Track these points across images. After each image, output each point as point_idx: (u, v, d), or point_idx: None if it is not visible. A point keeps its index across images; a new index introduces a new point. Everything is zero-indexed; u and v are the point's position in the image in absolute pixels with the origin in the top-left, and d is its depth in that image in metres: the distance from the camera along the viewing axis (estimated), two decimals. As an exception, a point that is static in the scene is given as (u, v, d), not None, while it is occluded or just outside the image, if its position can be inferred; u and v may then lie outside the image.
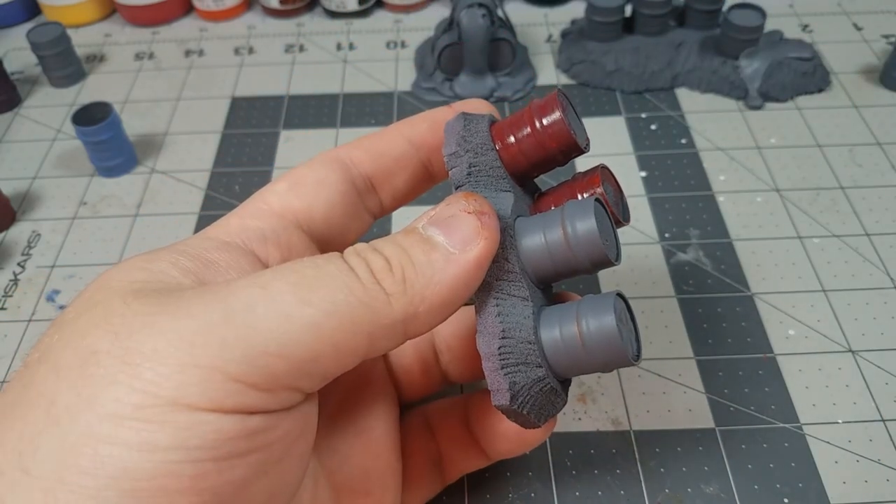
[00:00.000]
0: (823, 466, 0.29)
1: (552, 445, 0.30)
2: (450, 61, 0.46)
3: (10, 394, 0.17)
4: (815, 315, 0.34)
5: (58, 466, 0.16)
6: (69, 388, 0.16)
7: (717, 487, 0.28)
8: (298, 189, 0.23)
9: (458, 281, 0.19)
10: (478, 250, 0.19)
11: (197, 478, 0.16)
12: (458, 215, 0.20)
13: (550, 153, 0.23)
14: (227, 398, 0.17)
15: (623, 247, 0.37)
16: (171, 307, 0.17)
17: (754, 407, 0.30)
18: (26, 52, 0.52)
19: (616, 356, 0.20)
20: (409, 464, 0.26)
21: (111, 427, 0.16)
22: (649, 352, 0.33)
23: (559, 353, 0.20)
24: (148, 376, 0.16)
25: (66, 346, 0.17)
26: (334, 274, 0.18)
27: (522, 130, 0.23)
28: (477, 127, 0.23)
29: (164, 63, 0.51)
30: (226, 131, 0.45)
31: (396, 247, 0.19)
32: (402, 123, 0.25)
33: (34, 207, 0.41)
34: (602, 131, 0.43)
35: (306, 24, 0.54)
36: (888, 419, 0.30)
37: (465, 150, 0.22)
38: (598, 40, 0.46)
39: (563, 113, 0.22)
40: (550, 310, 0.21)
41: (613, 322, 0.20)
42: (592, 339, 0.20)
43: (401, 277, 0.19)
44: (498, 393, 0.20)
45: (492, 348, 0.20)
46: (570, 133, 0.22)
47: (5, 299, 0.37)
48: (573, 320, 0.20)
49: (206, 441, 0.16)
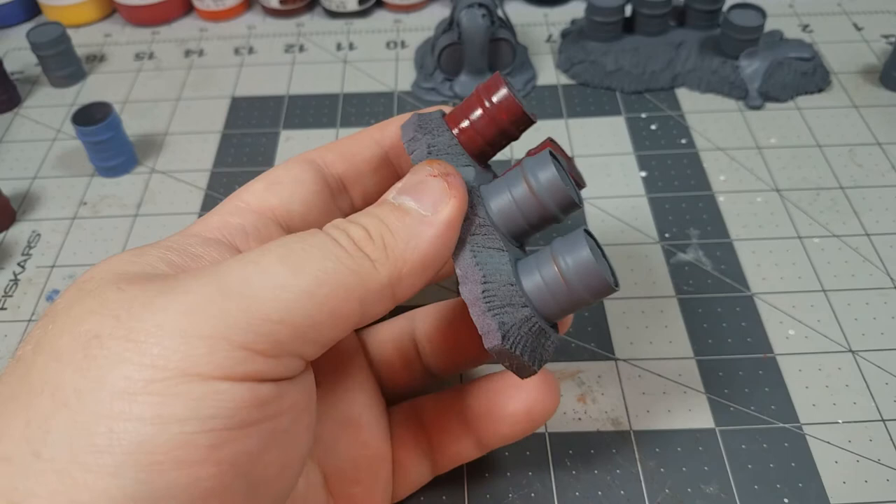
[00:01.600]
0: (823, 466, 0.29)
1: (552, 445, 0.30)
2: (450, 61, 0.46)
3: (6, 387, 0.18)
4: (815, 315, 0.34)
5: (70, 448, 0.16)
6: (74, 371, 0.17)
7: (717, 487, 0.28)
8: (276, 188, 0.24)
9: (435, 241, 0.20)
10: (449, 209, 0.21)
11: (213, 448, 0.17)
12: (426, 180, 0.21)
13: (503, 126, 0.24)
14: (237, 365, 0.17)
15: (623, 247, 0.37)
16: (167, 288, 0.18)
17: (754, 407, 0.30)
18: (26, 52, 0.52)
19: (597, 285, 0.21)
20: (400, 454, 0.26)
21: (124, 403, 0.16)
22: (649, 352, 0.33)
23: (542, 295, 0.22)
24: (155, 351, 0.17)
25: (62, 333, 0.18)
26: (320, 245, 0.19)
27: (475, 111, 0.24)
28: (430, 116, 0.24)
29: (164, 63, 0.51)
30: (226, 131, 0.45)
31: (372, 217, 0.20)
32: (373, 128, 0.27)
33: (34, 207, 0.41)
34: (602, 131, 0.43)
35: (306, 24, 0.54)
36: (888, 419, 0.30)
37: (422, 133, 0.23)
38: (598, 40, 0.46)
39: (508, 88, 0.24)
40: (526, 259, 0.22)
41: (588, 252, 0.21)
42: (571, 272, 0.21)
43: (381, 244, 0.20)
44: (489, 335, 0.21)
45: (475, 293, 0.21)
46: (519, 104, 0.24)
47: (5, 299, 0.37)
48: (550, 261, 0.22)
49: (220, 410, 0.17)
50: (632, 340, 0.33)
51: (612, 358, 0.33)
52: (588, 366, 0.32)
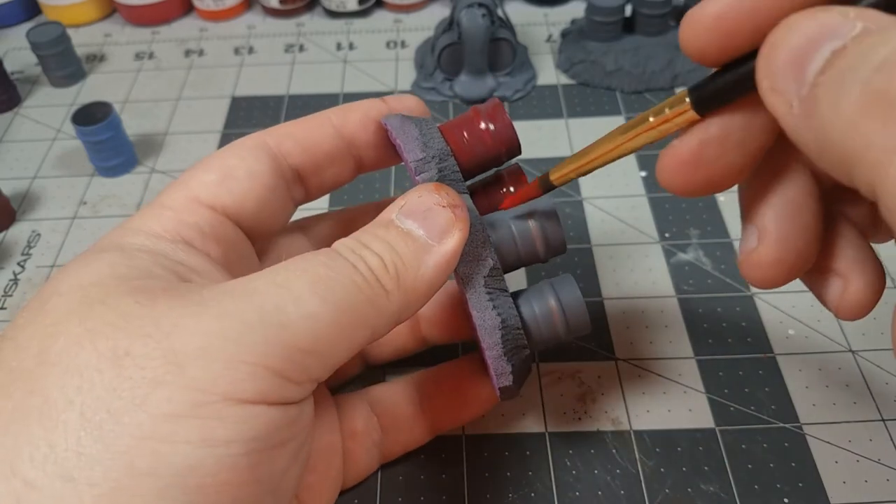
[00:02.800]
0: (823, 466, 0.29)
1: (552, 445, 0.30)
2: (450, 61, 0.45)
3: (6, 398, 0.17)
4: (815, 315, 0.34)
5: (109, 471, 0.15)
6: (104, 390, 0.16)
7: (717, 487, 0.28)
8: (229, 184, 0.23)
9: (438, 270, 0.21)
10: (453, 241, 0.21)
11: (253, 468, 0.17)
12: (434, 209, 0.21)
13: (499, 155, 0.25)
14: (273, 391, 0.18)
15: (623, 247, 0.37)
16: (197, 307, 0.18)
17: (754, 407, 0.30)
18: (26, 51, 0.52)
19: (581, 324, 0.25)
20: (351, 445, 0.27)
21: (169, 426, 0.16)
22: (649, 352, 0.33)
23: (534, 329, 0.25)
24: (199, 374, 0.17)
25: (80, 348, 0.17)
26: (345, 274, 0.19)
27: (473, 134, 0.24)
28: (431, 132, 0.24)
29: (164, 63, 0.51)
30: (226, 131, 0.45)
31: (384, 244, 0.21)
32: (333, 112, 0.25)
33: (34, 207, 0.41)
34: (602, 131, 0.43)
35: (306, 23, 0.54)
36: (888, 419, 0.30)
37: (430, 155, 0.23)
38: (598, 40, 0.46)
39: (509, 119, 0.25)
40: (522, 296, 0.25)
41: (580, 295, 0.25)
42: (565, 312, 0.25)
43: (395, 274, 0.20)
44: (502, 376, 0.24)
45: (495, 339, 0.23)
46: (516, 136, 0.25)
47: (5, 299, 0.37)
48: (546, 298, 0.25)
49: (260, 432, 0.17)
50: (632, 340, 0.33)
51: (612, 358, 0.33)
52: (588, 366, 0.32)
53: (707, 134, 0.18)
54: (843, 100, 0.13)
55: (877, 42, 0.13)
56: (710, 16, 0.16)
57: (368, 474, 0.29)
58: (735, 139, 0.18)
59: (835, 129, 0.14)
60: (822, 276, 0.20)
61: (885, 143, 0.13)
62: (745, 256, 0.20)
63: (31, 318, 0.18)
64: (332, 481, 0.26)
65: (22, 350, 0.18)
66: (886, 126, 0.13)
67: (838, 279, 0.19)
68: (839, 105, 0.14)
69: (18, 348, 0.18)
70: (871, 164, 0.13)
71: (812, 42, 0.14)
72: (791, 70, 0.15)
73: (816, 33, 0.14)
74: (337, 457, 0.26)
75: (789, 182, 0.19)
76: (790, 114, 0.15)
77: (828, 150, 0.14)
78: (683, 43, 0.17)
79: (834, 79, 0.14)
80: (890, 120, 0.13)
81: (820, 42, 0.14)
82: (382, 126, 0.25)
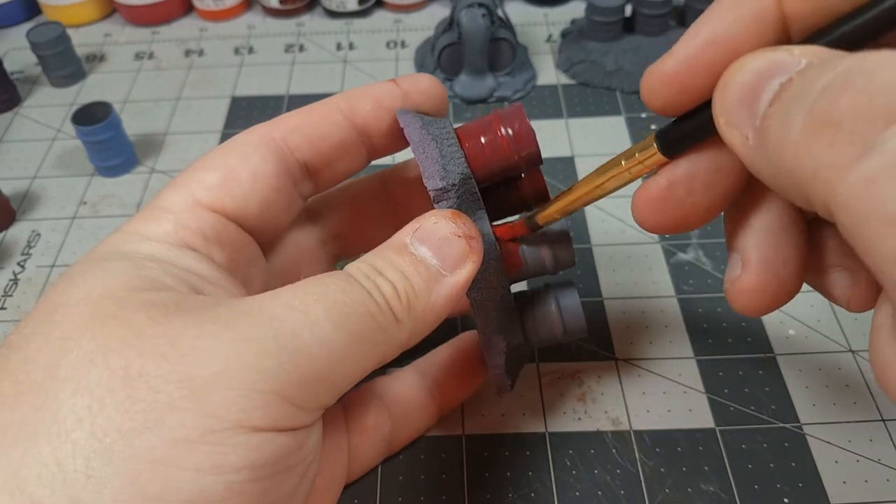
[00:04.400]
0: (823, 466, 0.29)
1: (552, 445, 0.30)
2: (450, 61, 0.46)
3: (10, 412, 0.16)
4: (815, 315, 0.34)
5: (118, 495, 0.15)
6: (116, 412, 0.16)
7: (717, 487, 0.28)
8: (231, 186, 0.22)
9: (448, 299, 0.21)
10: (465, 273, 0.21)
11: (262, 494, 0.17)
12: (450, 238, 0.21)
13: (516, 165, 0.24)
14: (285, 419, 0.18)
15: (623, 247, 0.37)
16: (212, 327, 0.18)
17: (754, 407, 0.30)
18: (26, 51, 0.52)
19: (578, 327, 0.27)
20: (359, 441, 0.27)
21: (181, 452, 0.16)
22: (649, 352, 0.33)
23: (535, 331, 0.26)
24: (214, 400, 0.16)
25: (92, 364, 0.17)
26: (359, 301, 0.19)
27: (491, 142, 0.23)
28: (451, 150, 0.23)
29: (164, 63, 0.51)
30: (226, 131, 0.45)
31: (397, 272, 0.20)
32: (342, 98, 0.24)
33: (34, 207, 0.41)
34: (602, 131, 0.43)
35: (306, 23, 0.54)
36: (888, 419, 0.30)
37: (450, 183, 0.22)
38: (598, 40, 0.46)
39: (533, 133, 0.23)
40: (521, 297, 0.27)
41: (578, 300, 0.26)
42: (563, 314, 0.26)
43: (406, 304, 0.20)
44: (503, 388, 0.26)
45: (499, 361, 0.25)
46: (537, 144, 0.23)
47: (5, 299, 0.37)
48: (546, 302, 0.26)
49: (270, 459, 0.17)
50: (632, 340, 0.33)
51: (612, 358, 0.32)
52: (588, 366, 0.32)
53: (675, 175, 0.19)
54: (791, 127, 0.14)
55: (819, 72, 0.14)
56: (666, 73, 0.18)
57: (373, 467, 0.29)
58: (702, 180, 0.19)
59: (786, 156, 0.14)
60: (826, 273, 0.20)
61: (832, 161, 0.13)
62: (729, 284, 0.20)
63: (38, 329, 0.18)
64: (336, 481, 0.26)
65: (30, 362, 0.17)
66: (832, 146, 0.13)
67: (845, 273, 0.20)
68: (788, 132, 0.14)
69: (27, 360, 0.17)
70: (822, 183, 0.14)
71: (761, 78, 0.15)
72: (744, 105, 0.16)
73: (765, 70, 0.15)
74: (342, 458, 0.26)
75: (769, 210, 0.20)
76: (746, 146, 0.16)
77: (782, 177, 0.15)
78: (645, 98, 0.19)
79: (782, 108, 0.15)
80: (835, 140, 0.13)
81: (769, 77, 0.15)
82: (394, 115, 0.24)
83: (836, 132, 0.13)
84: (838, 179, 0.13)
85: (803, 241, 0.20)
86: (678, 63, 0.18)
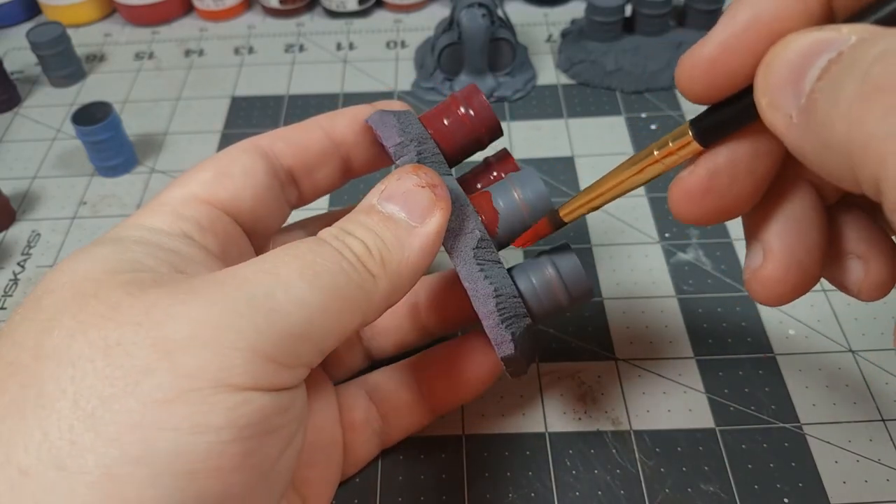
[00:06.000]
0: (823, 466, 0.29)
1: (552, 445, 0.30)
2: (450, 61, 0.46)
3: (3, 394, 0.17)
4: (815, 315, 0.34)
5: (101, 459, 0.16)
6: (97, 379, 0.16)
7: (717, 487, 0.28)
8: (225, 180, 0.23)
9: (423, 251, 0.21)
10: (436, 221, 0.21)
11: (245, 455, 0.17)
12: (413, 190, 0.21)
13: (479, 136, 0.25)
14: (265, 377, 0.18)
15: (623, 246, 0.37)
16: (185, 296, 0.18)
17: (754, 407, 0.30)
18: (26, 51, 0.52)
19: (583, 291, 0.25)
20: (351, 436, 0.27)
21: (159, 412, 0.16)
22: (649, 352, 0.33)
23: (536, 300, 0.24)
24: (189, 361, 0.17)
25: (73, 339, 0.17)
26: (331, 260, 0.20)
27: (453, 120, 0.25)
28: (409, 119, 0.24)
29: (164, 63, 0.51)
30: (226, 131, 0.45)
31: (367, 230, 0.21)
32: (322, 118, 0.26)
33: (34, 207, 0.41)
34: (602, 131, 0.43)
35: (306, 23, 0.54)
36: (888, 419, 0.30)
37: (409, 139, 0.24)
38: (598, 40, 0.46)
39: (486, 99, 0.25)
40: (518, 267, 0.25)
41: (577, 260, 0.24)
42: (563, 279, 0.24)
43: (380, 259, 0.20)
44: (503, 345, 0.23)
45: (489, 307, 0.23)
46: (495, 115, 0.25)
47: (5, 299, 0.37)
48: (543, 269, 0.25)
49: (252, 419, 0.17)
50: (632, 340, 0.33)
51: (612, 358, 0.33)
52: (588, 366, 0.32)
53: (715, 164, 0.18)
54: (841, 98, 0.13)
55: (871, 45, 0.14)
56: (706, 58, 0.17)
57: (369, 461, 0.29)
58: (744, 167, 0.18)
59: (835, 130, 0.14)
60: (838, 261, 0.20)
61: (886, 131, 0.13)
62: (750, 274, 0.20)
63: (26, 315, 0.18)
64: (333, 475, 0.26)
65: (18, 346, 0.18)
66: (886, 116, 0.13)
67: (857, 261, 0.19)
68: (838, 103, 0.14)
69: (15, 344, 0.18)
70: (874, 157, 0.13)
71: (808, 56, 0.15)
72: (789, 84, 0.15)
73: (812, 48, 0.15)
74: (337, 451, 0.27)
75: (793, 199, 0.19)
76: (790, 126, 0.15)
77: (829, 154, 0.14)
78: (683, 87, 0.18)
79: (831, 82, 0.14)
80: (890, 109, 0.13)
81: (816, 55, 0.15)
82: (369, 127, 0.26)
83: (891, 100, 0.12)
84: (892, 151, 0.12)
85: (825, 230, 0.19)
86: (717, 46, 0.17)
